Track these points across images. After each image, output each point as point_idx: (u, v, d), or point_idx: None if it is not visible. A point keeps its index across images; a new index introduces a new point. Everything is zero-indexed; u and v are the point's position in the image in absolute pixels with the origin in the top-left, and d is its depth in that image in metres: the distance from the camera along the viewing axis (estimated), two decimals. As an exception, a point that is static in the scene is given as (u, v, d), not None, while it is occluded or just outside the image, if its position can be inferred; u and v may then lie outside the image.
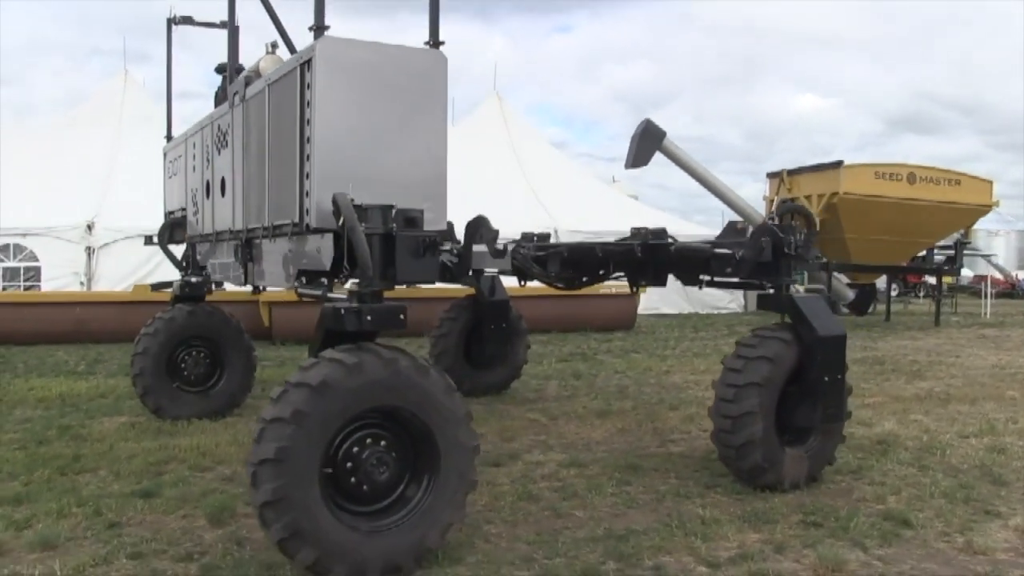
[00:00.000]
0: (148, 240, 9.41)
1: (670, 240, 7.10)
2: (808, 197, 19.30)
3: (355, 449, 4.45)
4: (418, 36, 5.26)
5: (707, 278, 6.91)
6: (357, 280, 4.52)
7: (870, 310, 23.25)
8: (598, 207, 23.60)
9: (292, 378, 4.35)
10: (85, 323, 15.25)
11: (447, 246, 7.04)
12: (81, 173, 20.32)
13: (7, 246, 18.14)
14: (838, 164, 18.87)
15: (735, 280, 6.72)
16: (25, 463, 6.67)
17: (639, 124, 17.90)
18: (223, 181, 6.76)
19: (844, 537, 5.21)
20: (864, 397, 10.27)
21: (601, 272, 8.14)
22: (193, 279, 8.55)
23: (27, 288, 18.22)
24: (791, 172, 20.10)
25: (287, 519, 4.15)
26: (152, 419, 8.40)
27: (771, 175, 20.95)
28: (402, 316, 4.52)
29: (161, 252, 9.09)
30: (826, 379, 6.11)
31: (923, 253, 21.86)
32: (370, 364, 4.38)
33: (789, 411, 6.19)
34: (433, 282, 4.83)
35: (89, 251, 18.21)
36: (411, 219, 4.76)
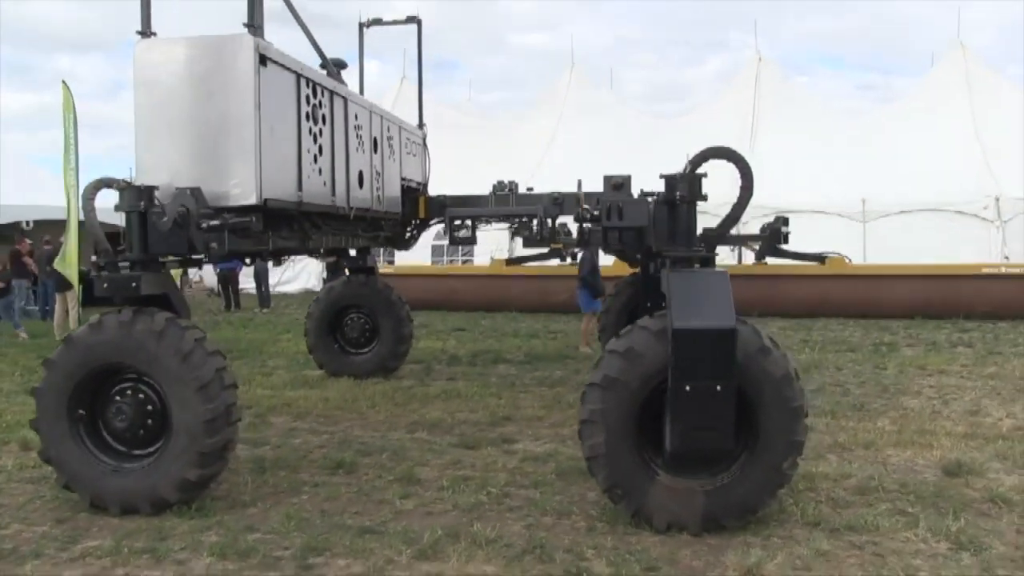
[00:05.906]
0: None
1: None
2: None
3: (117, 398, 5.15)
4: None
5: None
6: None
7: None
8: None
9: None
10: (456, 292, 18.01)
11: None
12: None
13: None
14: None
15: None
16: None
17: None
18: None
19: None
20: None
21: None
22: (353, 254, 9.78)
23: (463, 262, 22.03)
24: None
25: (43, 445, 5.16)
26: (303, 372, 10.08)
27: None
28: (135, 284, 5.03)
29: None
30: (687, 388, 4.40)
31: None
32: (109, 324, 5.03)
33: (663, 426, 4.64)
34: (184, 255, 5.14)
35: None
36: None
